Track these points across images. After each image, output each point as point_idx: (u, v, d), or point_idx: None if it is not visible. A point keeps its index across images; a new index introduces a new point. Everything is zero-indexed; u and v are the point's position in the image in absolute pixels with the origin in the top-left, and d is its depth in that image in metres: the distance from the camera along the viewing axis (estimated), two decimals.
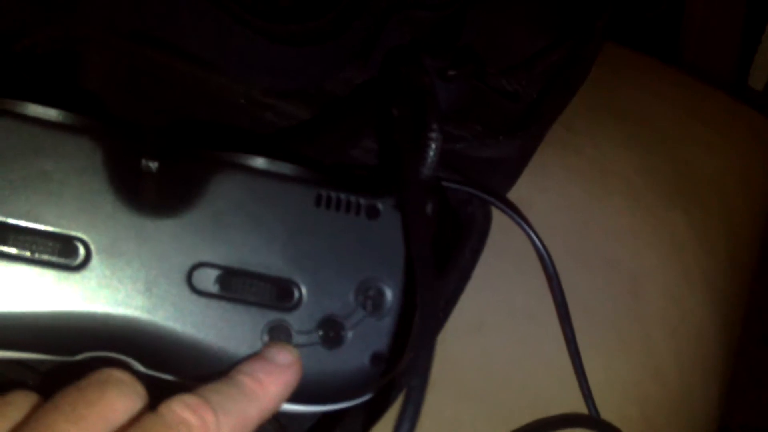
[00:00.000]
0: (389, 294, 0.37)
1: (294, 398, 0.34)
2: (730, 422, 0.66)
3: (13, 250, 0.33)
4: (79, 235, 0.34)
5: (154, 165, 0.35)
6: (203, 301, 0.35)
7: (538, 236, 0.48)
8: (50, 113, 0.35)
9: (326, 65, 0.47)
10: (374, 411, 0.39)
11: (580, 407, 0.47)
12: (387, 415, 0.40)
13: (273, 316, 0.36)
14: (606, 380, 0.49)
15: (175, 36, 0.47)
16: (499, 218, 0.49)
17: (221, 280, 0.35)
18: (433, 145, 0.39)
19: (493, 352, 0.47)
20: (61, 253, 0.34)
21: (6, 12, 0.47)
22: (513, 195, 0.52)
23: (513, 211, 0.48)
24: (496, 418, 0.45)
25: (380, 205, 0.37)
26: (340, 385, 0.36)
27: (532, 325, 0.49)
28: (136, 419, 0.29)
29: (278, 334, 0.36)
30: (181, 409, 0.29)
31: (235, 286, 0.36)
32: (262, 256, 0.36)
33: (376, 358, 0.37)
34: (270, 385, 0.33)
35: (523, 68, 0.53)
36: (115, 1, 0.47)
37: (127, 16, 0.47)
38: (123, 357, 0.35)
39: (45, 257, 0.34)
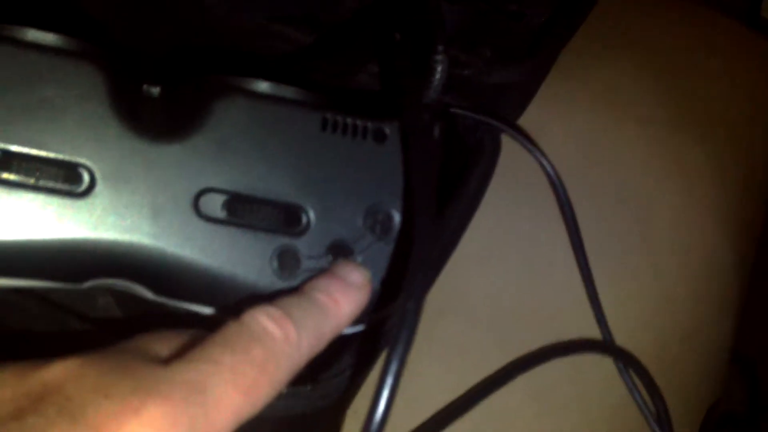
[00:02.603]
0: (397, 218, 0.37)
1: None
2: (745, 349, 0.66)
3: (16, 178, 0.33)
4: (83, 161, 0.33)
5: (155, 90, 0.35)
6: (210, 226, 0.35)
7: (549, 162, 0.48)
8: (50, 39, 0.34)
9: None
10: (373, 346, 0.39)
11: (593, 333, 0.47)
12: None
13: (281, 241, 0.36)
14: (618, 308, 0.49)
15: None
16: (508, 145, 0.48)
17: (228, 206, 0.35)
18: (439, 68, 0.38)
19: (504, 280, 0.47)
20: (66, 179, 0.33)
21: None
22: (522, 122, 0.51)
23: (523, 137, 0.47)
24: (507, 344, 0.45)
25: (387, 129, 0.37)
26: None
27: (543, 253, 0.49)
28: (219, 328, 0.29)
29: (287, 260, 0.36)
30: (265, 320, 0.29)
31: (243, 211, 0.35)
32: (268, 181, 0.35)
33: (385, 282, 0.36)
34: (344, 304, 0.32)
35: None
36: None
37: None
38: (132, 284, 0.35)
39: (49, 184, 0.33)
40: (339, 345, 0.38)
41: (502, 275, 0.47)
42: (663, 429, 0.46)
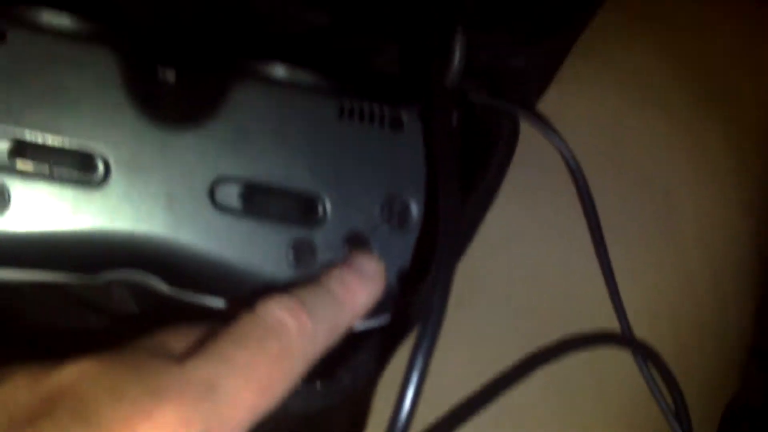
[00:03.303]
0: (415, 208, 0.36)
1: None
2: (764, 343, 0.65)
3: (31, 167, 0.32)
4: (98, 149, 0.33)
5: (171, 74, 0.34)
6: (226, 217, 0.34)
7: (568, 148, 0.47)
8: (65, 20, 0.33)
9: None
10: (390, 339, 0.39)
11: (611, 323, 0.47)
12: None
13: (298, 232, 0.35)
14: (637, 296, 0.48)
15: None
16: (527, 131, 0.47)
17: (244, 196, 0.35)
18: (458, 50, 0.38)
19: (521, 269, 0.46)
20: (81, 169, 0.33)
21: None
22: (542, 107, 0.50)
23: (542, 123, 0.47)
24: (525, 335, 0.44)
25: (404, 116, 0.36)
26: None
27: (562, 241, 0.48)
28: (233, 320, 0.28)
29: (303, 251, 0.35)
30: (279, 311, 0.28)
31: (259, 201, 0.35)
32: (285, 170, 0.35)
33: (402, 274, 0.36)
34: (359, 294, 0.32)
35: None
36: None
37: None
38: (147, 276, 0.35)
39: (64, 174, 0.33)
40: (356, 339, 0.37)
41: (520, 264, 0.46)
42: (681, 423, 0.45)
